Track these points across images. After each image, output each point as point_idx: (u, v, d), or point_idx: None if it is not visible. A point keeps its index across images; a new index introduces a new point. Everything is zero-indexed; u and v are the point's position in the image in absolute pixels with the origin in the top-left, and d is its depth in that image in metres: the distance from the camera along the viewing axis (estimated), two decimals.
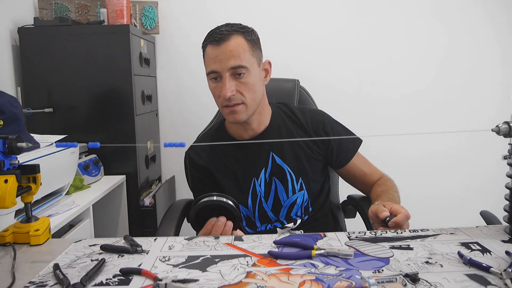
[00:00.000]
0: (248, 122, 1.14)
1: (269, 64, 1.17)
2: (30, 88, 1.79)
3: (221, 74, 1.06)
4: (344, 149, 1.20)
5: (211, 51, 1.07)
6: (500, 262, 0.72)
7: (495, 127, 0.79)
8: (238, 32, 1.07)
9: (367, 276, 0.65)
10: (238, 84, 1.06)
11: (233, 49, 1.05)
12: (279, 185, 1.16)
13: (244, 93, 1.07)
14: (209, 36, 1.08)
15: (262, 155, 1.16)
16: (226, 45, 1.05)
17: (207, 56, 1.08)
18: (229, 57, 1.04)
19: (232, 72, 1.05)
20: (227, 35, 1.05)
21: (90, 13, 2.00)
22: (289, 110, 1.23)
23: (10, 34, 1.78)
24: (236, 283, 0.66)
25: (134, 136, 1.80)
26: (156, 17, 2.09)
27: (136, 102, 1.81)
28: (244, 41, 1.07)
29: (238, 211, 0.95)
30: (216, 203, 0.94)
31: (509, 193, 0.85)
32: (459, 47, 2.27)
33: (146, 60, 1.97)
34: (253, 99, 1.09)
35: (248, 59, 1.07)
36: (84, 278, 0.67)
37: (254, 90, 1.09)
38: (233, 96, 1.05)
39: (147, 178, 1.98)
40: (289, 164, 1.16)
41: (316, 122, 1.21)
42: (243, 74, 1.06)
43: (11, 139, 0.80)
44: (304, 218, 1.18)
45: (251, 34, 1.10)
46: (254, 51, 1.09)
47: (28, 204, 0.88)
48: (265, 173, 1.16)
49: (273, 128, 1.19)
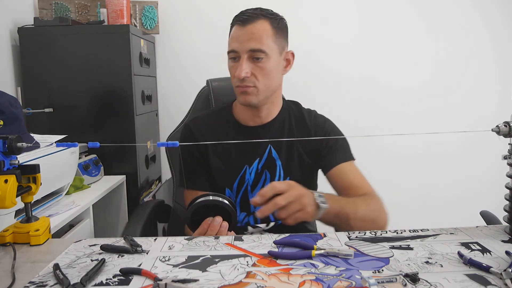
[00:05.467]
0: (259, 109, 1.14)
1: (292, 55, 1.15)
2: (30, 88, 1.79)
3: (239, 55, 1.06)
4: (334, 154, 1.17)
5: (235, 31, 1.08)
6: (500, 262, 0.72)
7: (495, 127, 0.79)
8: (266, 17, 1.07)
9: (367, 276, 0.65)
10: (254, 67, 1.06)
11: (256, 31, 1.05)
12: (269, 178, 1.16)
13: (259, 77, 1.06)
14: (237, 16, 1.09)
15: (261, 145, 1.16)
16: (250, 27, 1.05)
17: (231, 35, 1.09)
18: (250, 39, 1.04)
19: (251, 54, 1.05)
20: (253, 18, 1.06)
21: (90, 13, 2.00)
22: (298, 110, 1.23)
23: (10, 34, 1.78)
24: (236, 283, 0.66)
25: (134, 136, 1.80)
26: (156, 17, 2.09)
27: (136, 102, 1.81)
28: (269, 26, 1.07)
29: (234, 211, 0.95)
30: (212, 202, 0.94)
31: (509, 193, 0.85)
32: (459, 47, 2.28)
33: (146, 60, 1.97)
34: (267, 85, 1.08)
35: (269, 45, 1.06)
36: (84, 278, 0.67)
37: (270, 77, 1.08)
38: (247, 78, 1.05)
39: (147, 178, 1.98)
40: (282, 160, 1.16)
41: (318, 125, 1.20)
42: (261, 59, 1.05)
43: (11, 139, 0.80)
44: (278, 221, 1.16)
45: (279, 22, 1.10)
46: (277, 38, 1.08)
47: (28, 204, 0.88)
48: (258, 163, 1.16)
49: (278, 122, 1.18)
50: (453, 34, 2.26)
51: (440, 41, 2.26)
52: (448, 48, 2.27)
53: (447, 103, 2.30)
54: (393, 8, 2.24)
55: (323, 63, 2.26)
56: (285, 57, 1.13)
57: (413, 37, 2.26)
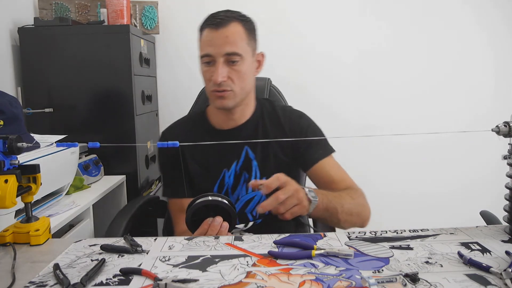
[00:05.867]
0: (232, 111, 1.14)
1: (262, 56, 1.17)
2: (30, 88, 1.79)
3: (214, 59, 1.06)
4: (313, 151, 1.17)
5: (207, 34, 1.07)
6: (500, 262, 0.72)
7: (495, 127, 0.79)
8: (237, 20, 1.08)
9: (367, 276, 0.65)
10: (230, 71, 1.06)
11: (230, 35, 1.05)
12: (247, 179, 1.16)
13: (235, 81, 1.07)
14: (208, 19, 1.08)
15: (236, 148, 1.16)
16: (224, 30, 1.05)
17: (203, 39, 1.08)
18: (225, 42, 1.04)
19: (226, 58, 1.05)
20: (226, 21, 1.06)
21: (90, 13, 2.00)
22: (272, 107, 1.23)
23: (10, 34, 1.78)
24: (236, 283, 0.66)
25: (134, 136, 1.80)
26: (156, 17, 2.09)
27: (136, 102, 1.81)
28: (242, 29, 1.07)
29: (234, 211, 0.95)
30: (212, 203, 0.94)
31: (509, 193, 0.85)
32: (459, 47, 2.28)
33: (146, 60, 1.97)
34: (242, 88, 1.10)
35: (244, 48, 1.07)
36: (84, 278, 0.67)
37: (245, 79, 1.09)
38: (224, 82, 1.06)
39: (147, 178, 1.98)
40: (258, 161, 1.17)
41: (293, 121, 1.20)
42: (237, 62, 1.06)
43: (11, 139, 0.80)
44: (257, 221, 1.17)
45: (250, 24, 1.11)
46: (250, 40, 1.10)
47: (28, 204, 0.88)
48: (236, 166, 1.16)
49: (252, 123, 1.19)
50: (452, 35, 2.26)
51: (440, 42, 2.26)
52: (448, 48, 2.27)
53: (447, 103, 2.30)
54: (392, 8, 2.24)
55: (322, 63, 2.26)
56: (256, 59, 1.14)
57: (413, 37, 2.26)
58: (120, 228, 1.17)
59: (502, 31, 2.26)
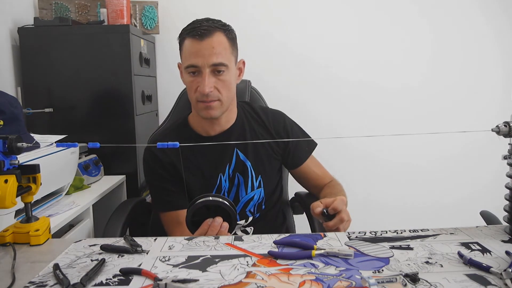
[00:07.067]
0: (218, 118, 1.15)
1: (243, 63, 1.19)
2: (30, 88, 1.79)
3: (200, 70, 1.06)
4: (300, 150, 1.24)
5: (192, 45, 1.07)
6: (500, 262, 0.72)
7: (495, 127, 0.79)
8: (220, 29, 1.08)
9: (367, 276, 0.65)
10: (216, 81, 1.07)
11: (216, 45, 1.05)
12: (242, 181, 1.18)
13: (221, 91, 1.08)
14: (191, 29, 1.08)
15: (228, 151, 1.18)
16: (209, 41, 1.05)
17: (187, 49, 1.08)
18: (212, 53, 1.05)
19: (213, 68, 1.06)
20: (210, 31, 1.06)
21: (90, 13, 2.00)
22: (252, 109, 1.26)
23: (10, 34, 1.78)
24: (236, 283, 0.66)
25: (134, 136, 1.80)
26: (156, 17, 2.09)
27: (136, 102, 1.81)
28: (225, 39, 1.08)
29: (234, 211, 0.95)
30: (212, 203, 0.94)
31: (509, 193, 0.85)
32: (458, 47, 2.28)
33: (146, 60, 1.97)
34: (228, 97, 1.11)
35: (228, 57, 1.08)
36: (84, 278, 0.67)
37: (230, 88, 1.11)
38: (211, 93, 1.06)
39: None
40: (251, 161, 1.18)
41: (277, 122, 1.24)
42: (223, 72, 1.07)
43: (11, 139, 0.80)
44: (255, 215, 1.21)
45: (231, 32, 1.12)
46: (233, 49, 1.11)
47: (28, 204, 0.88)
48: (229, 169, 1.18)
49: (239, 125, 1.21)
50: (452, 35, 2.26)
51: (439, 42, 2.26)
52: (448, 48, 2.26)
53: (447, 104, 2.30)
54: (392, 7, 2.24)
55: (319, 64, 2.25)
56: (238, 66, 1.16)
57: (412, 37, 2.26)
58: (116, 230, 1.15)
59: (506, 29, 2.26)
